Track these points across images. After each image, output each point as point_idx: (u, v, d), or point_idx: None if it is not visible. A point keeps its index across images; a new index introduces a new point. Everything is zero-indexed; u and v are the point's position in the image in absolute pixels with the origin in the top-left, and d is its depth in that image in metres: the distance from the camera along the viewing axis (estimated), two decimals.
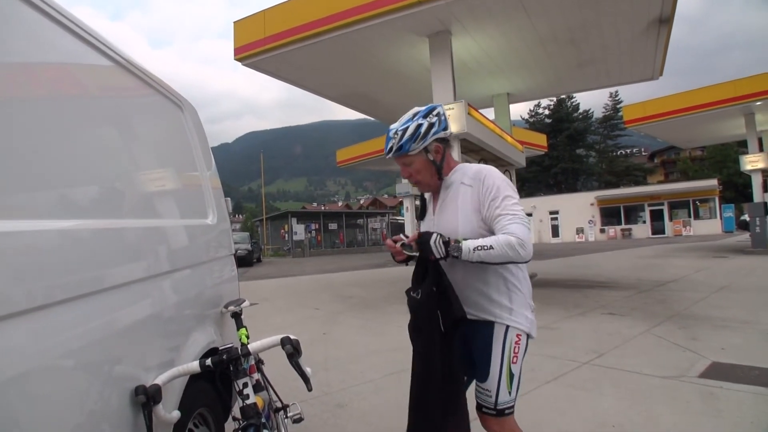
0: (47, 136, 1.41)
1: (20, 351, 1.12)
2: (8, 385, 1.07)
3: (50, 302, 1.24)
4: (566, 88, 16.84)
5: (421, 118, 2.00)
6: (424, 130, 1.98)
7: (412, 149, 1.99)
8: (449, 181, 2.10)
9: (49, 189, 1.38)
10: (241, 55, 10.72)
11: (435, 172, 2.07)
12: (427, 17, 9.11)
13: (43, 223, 1.28)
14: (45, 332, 1.22)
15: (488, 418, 2.05)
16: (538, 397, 3.96)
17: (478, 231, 1.98)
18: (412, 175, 2.09)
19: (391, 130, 2.03)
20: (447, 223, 2.05)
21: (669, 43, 11.45)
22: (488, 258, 1.84)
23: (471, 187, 2.02)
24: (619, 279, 11.68)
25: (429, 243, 1.90)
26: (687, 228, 35.80)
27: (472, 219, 1.99)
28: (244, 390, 1.83)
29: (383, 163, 28.49)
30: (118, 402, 1.50)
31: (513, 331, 2.04)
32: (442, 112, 2.06)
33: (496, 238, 1.85)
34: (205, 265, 2.49)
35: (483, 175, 2.01)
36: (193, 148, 2.72)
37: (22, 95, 1.37)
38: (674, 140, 27.57)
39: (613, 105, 57.71)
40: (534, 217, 40.50)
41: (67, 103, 1.60)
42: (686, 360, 4.73)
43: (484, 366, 2.03)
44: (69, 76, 1.66)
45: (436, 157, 2.06)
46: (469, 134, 9.38)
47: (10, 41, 1.33)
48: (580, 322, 6.93)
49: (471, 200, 2.00)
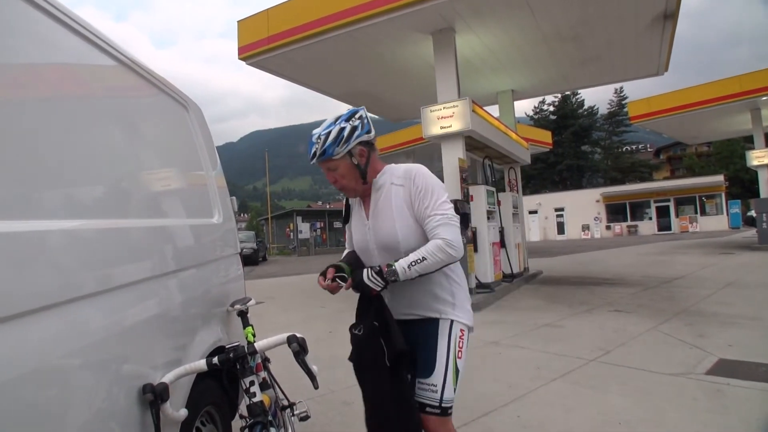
0: (53, 137, 1.42)
1: (29, 350, 1.13)
2: (17, 384, 1.07)
3: (58, 302, 1.25)
4: (571, 85, 16.73)
5: (343, 122, 1.96)
6: (347, 133, 1.94)
7: (336, 153, 1.95)
8: (379, 184, 2.08)
9: (54, 189, 1.39)
10: (245, 54, 10.71)
11: (359, 176, 2.03)
12: (431, 15, 9.07)
13: (49, 223, 1.29)
14: (53, 331, 1.23)
15: (431, 419, 1.98)
16: (544, 395, 3.96)
17: (416, 230, 2.00)
18: (337, 180, 2.04)
19: (314, 135, 1.99)
20: (384, 226, 2.03)
21: (674, 39, 11.39)
22: (425, 269, 1.88)
23: (402, 186, 2.02)
24: (626, 276, 11.64)
25: (364, 281, 1.93)
26: (693, 224, 35.61)
27: (408, 219, 2.00)
28: (250, 388, 1.84)
29: (387, 161, 28.37)
30: (125, 400, 1.51)
31: (457, 326, 2.07)
32: (364, 115, 2.03)
33: (426, 248, 1.89)
34: (211, 264, 2.50)
35: (413, 174, 2.02)
36: (198, 147, 2.73)
37: (28, 96, 1.38)
38: (680, 136, 27.38)
39: (618, 101, 57.44)
40: (539, 214, 40.42)
41: (72, 104, 1.61)
42: (693, 357, 4.72)
43: (429, 361, 2.01)
44: (74, 76, 1.67)
45: (361, 160, 2.02)
46: (474, 131, 9.34)
47: (15, 42, 1.34)
48: (586, 319, 6.91)
49: (404, 199, 2.01)
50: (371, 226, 2.08)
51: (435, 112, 9.48)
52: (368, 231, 2.09)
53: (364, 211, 2.13)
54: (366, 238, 2.11)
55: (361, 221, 2.15)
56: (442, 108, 9.41)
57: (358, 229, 2.16)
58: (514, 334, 6.20)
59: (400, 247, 1.99)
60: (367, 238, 2.10)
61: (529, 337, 6.02)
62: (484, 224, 9.79)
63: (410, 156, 26.44)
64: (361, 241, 2.14)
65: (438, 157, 9.93)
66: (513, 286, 10.44)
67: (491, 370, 4.76)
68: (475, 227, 9.60)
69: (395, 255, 1.99)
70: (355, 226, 2.19)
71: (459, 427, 3.42)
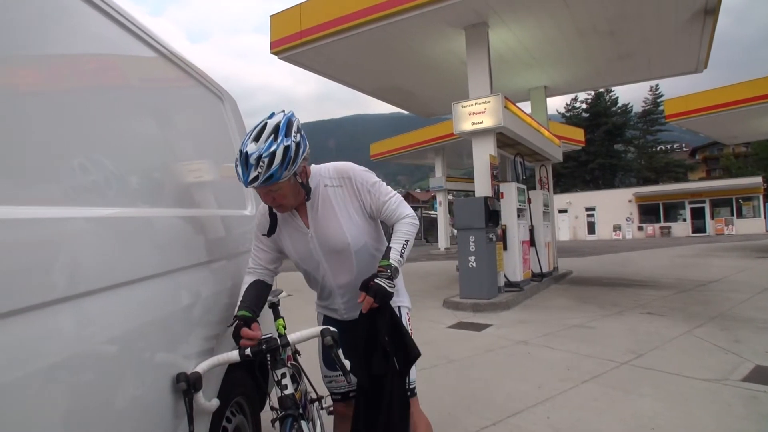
0: (98, 126, 1.45)
1: (68, 336, 1.15)
2: (56, 369, 1.09)
3: (95, 288, 1.26)
4: (605, 82, 16.35)
5: (285, 138, 1.71)
6: (293, 153, 1.72)
7: (283, 177, 1.72)
8: (312, 190, 1.95)
9: (92, 177, 1.41)
10: (277, 49, 10.77)
11: (302, 192, 1.89)
12: (465, 9, 8.98)
13: (82, 210, 1.29)
14: (95, 316, 1.24)
15: None
16: (575, 396, 3.89)
17: (364, 227, 2.01)
18: (275, 199, 1.84)
19: (251, 156, 1.68)
20: (330, 231, 1.97)
21: (714, 35, 11.06)
22: (410, 250, 1.96)
23: (341, 187, 1.98)
24: (658, 278, 11.37)
25: (386, 290, 1.82)
26: (729, 227, 34.60)
27: (355, 218, 1.99)
28: (282, 380, 1.83)
29: (417, 157, 28.41)
30: (160, 388, 1.52)
31: (404, 310, 2.20)
32: (299, 124, 1.82)
33: (402, 231, 1.96)
34: (242, 255, 2.51)
35: (349, 172, 2.00)
36: (233, 138, 2.75)
37: (72, 86, 1.40)
38: (718, 136, 26.59)
39: (653, 99, 56.22)
40: (569, 213, 39.81)
41: (114, 93, 1.63)
42: (729, 363, 4.59)
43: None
44: (116, 66, 1.69)
45: (303, 177, 1.87)
46: (506, 128, 9.22)
47: (61, 33, 1.36)
48: (617, 321, 6.77)
49: (349, 199, 1.98)
50: (314, 234, 1.99)
51: (466, 107, 9.38)
52: (311, 239, 2.00)
53: (301, 221, 2.01)
54: (309, 247, 2.02)
55: (298, 231, 2.02)
56: (474, 104, 9.31)
57: (297, 240, 2.03)
58: (543, 334, 6.12)
59: (351, 248, 1.99)
60: (311, 247, 2.02)
61: (559, 337, 5.93)
62: (514, 222, 9.68)
63: (439, 153, 26.37)
64: (304, 251, 2.04)
65: (467, 153, 9.85)
66: (542, 286, 10.31)
67: (520, 369, 4.71)
68: (504, 225, 9.49)
69: (344, 257, 2.01)
70: (291, 237, 2.04)
71: (488, 426, 3.40)
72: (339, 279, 2.08)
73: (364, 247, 2.03)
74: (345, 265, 2.04)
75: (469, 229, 8.64)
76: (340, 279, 2.08)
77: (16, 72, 1.18)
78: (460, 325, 7.04)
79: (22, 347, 1.01)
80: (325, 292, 2.20)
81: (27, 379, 1.01)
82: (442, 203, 27.86)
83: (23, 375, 1.00)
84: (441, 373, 4.70)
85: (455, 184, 28.67)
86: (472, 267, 8.59)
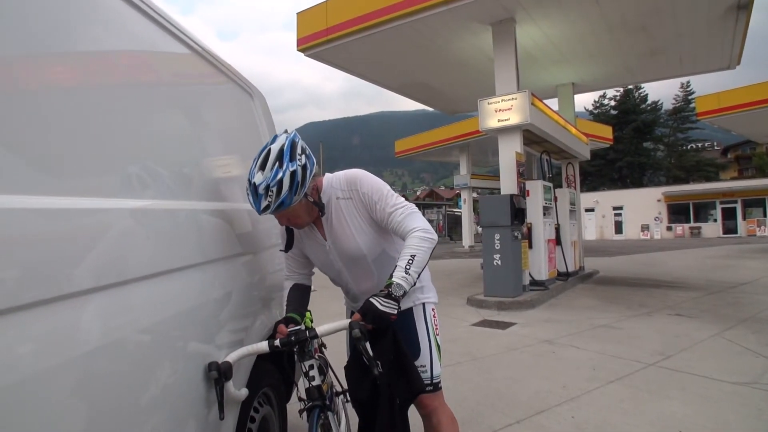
0: (132, 120, 1.49)
1: (106, 324, 1.18)
2: (92, 357, 1.12)
3: (134, 277, 1.30)
4: (635, 78, 16.03)
5: (289, 163, 1.73)
6: (300, 177, 1.75)
7: (294, 201, 1.77)
8: (326, 203, 1.97)
9: (135, 170, 1.45)
10: (304, 46, 10.84)
11: (316, 209, 1.92)
12: (492, 5, 8.92)
13: (115, 202, 1.32)
14: (134, 304, 1.29)
15: (427, 396, 2.06)
16: (600, 397, 3.85)
17: (377, 237, 2.00)
18: (290, 220, 1.90)
19: (260, 186, 1.72)
20: (346, 244, 1.99)
21: (748, 31, 10.78)
22: (420, 265, 1.82)
23: (350, 200, 1.96)
24: (687, 279, 11.15)
25: (381, 311, 1.73)
26: (762, 228, 33.62)
27: (366, 229, 1.98)
28: (310, 372, 1.86)
29: (441, 154, 28.29)
30: (192, 376, 1.56)
31: (429, 306, 2.17)
32: (303, 143, 1.83)
33: (409, 246, 1.84)
34: (269, 250, 2.55)
35: (356, 183, 1.95)
36: (262, 134, 2.79)
37: (107, 82, 1.44)
38: (751, 134, 25.86)
39: (684, 96, 54.79)
40: (596, 212, 39.18)
41: (148, 90, 1.67)
42: (759, 366, 4.49)
43: (413, 346, 2.07)
44: (150, 62, 1.73)
45: (314, 195, 1.89)
46: (533, 125, 9.14)
47: (95, 29, 1.40)
48: (645, 322, 6.67)
49: (357, 212, 1.96)
50: (331, 245, 2.02)
51: (493, 104, 9.32)
52: (330, 251, 2.04)
53: (319, 233, 2.04)
54: (330, 258, 2.07)
55: (317, 243, 2.06)
56: (501, 101, 9.24)
57: (317, 252, 2.09)
58: (569, 333, 6.06)
59: (367, 258, 2.03)
60: (331, 258, 2.06)
61: (584, 337, 5.86)
62: (540, 220, 9.58)
63: (464, 150, 26.23)
64: (325, 263, 2.11)
65: (493, 151, 9.78)
66: (568, 285, 10.20)
67: (545, 369, 4.67)
68: (530, 223, 9.41)
69: (363, 265, 2.04)
70: (311, 248, 2.10)
71: (511, 424, 3.39)
72: (361, 286, 2.13)
73: (382, 254, 2.06)
74: (365, 272, 2.09)
75: (495, 226, 8.59)
76: (362, 285, 2.13)
77: (59, 69, 1.22)
78: (484, 323, 7.01)
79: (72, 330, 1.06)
80: (350, 295, 2.27)
81: (74, 361, 1.05)
82: (467, 201, 27.68)
83: (72, 357, 1.05)
84: (465, 370, 4.69)
85: (480, 182, 28.46)
86: (497, 265, 8.54)
